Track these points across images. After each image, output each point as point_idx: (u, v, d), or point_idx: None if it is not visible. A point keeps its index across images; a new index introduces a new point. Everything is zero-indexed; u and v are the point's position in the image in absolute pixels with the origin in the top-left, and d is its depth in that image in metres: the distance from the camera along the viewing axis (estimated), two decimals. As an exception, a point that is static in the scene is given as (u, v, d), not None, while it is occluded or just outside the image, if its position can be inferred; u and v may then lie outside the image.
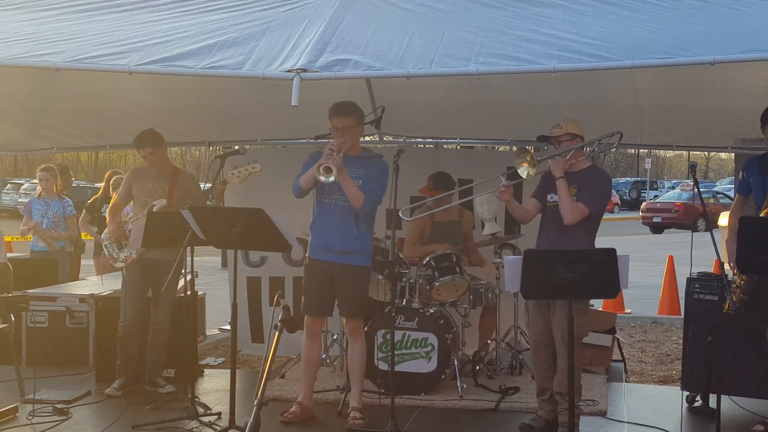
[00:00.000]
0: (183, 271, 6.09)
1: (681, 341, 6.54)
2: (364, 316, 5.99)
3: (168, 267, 6.31)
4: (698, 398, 6.21)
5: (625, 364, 7.71)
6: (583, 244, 5.52)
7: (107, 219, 6.78)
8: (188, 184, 6.73)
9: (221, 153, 6.58)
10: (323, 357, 7.04)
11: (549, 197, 5.63)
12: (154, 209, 6.44)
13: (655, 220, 30.53)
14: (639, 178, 50.60)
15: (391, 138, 8.69)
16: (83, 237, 9.49)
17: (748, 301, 5.40)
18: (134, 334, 6.58)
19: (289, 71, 4.80)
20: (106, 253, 6.70)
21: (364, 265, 5.81)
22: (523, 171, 5.45)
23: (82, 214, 9.47)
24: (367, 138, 8.86)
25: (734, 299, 5.30)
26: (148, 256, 6.46)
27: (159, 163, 6.61)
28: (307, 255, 5.91)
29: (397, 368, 6.11)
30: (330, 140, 5.72)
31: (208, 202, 6.70)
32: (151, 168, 6.67)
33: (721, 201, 29.45)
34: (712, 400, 5.76)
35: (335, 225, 5.69)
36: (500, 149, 11.27)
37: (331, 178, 5.42)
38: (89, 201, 9.95)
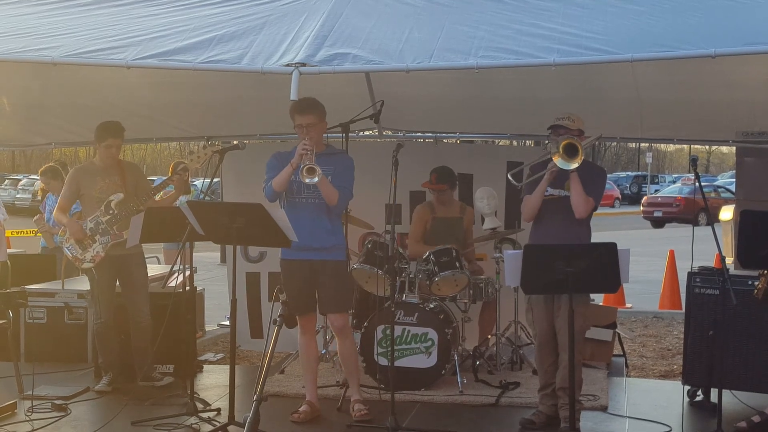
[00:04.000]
0: (180, 267, 6.06)
1: (682, 336, 6.52)
2: (348, 308, 5.96)
3: (134, 260, 6.37)
4: (699, 393, 6.19)
5: (626, 359, 7.70)
6: (587, 235, 5.58)
7: (63, 221, 6.58)
8: (135, 174, 6.73)
9: (220, 148, 6.55)
10: (323, 352, 7.03)
11: (546, 191, 5.59)
12: (113, 204, 6.42)
13: (656, 214, 30.48)
14: (640, 173, 50.49)
15: (390, 132, 8.67)
16: None
17: None
18: (111, 329, 6.57)
19: (288, 65, 4.78)
20: (69, 255, 6.54)
21: (341, 259, 5.81)
22: (565, 164, 5.35)
23: None
24: (366, 132, 8.85)
25: (759, 286, 5.29)
26: (114, 252, 6.42)
27: (117, 156, 6.59)
28: (279, 256, 5.87)
29: (397, 363, 6.10)
30: (329, 135, 5.69)
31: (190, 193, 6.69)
32: (95, 164, 6.66)
33: (723, 195, 29.38)
34: (714, 394, 5.74)
35: (310, 223, 5.64)
36: (500, 143, 11.25)
37: (316, 179, 5.37)
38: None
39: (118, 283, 6.61)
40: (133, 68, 5.20)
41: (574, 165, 5.32)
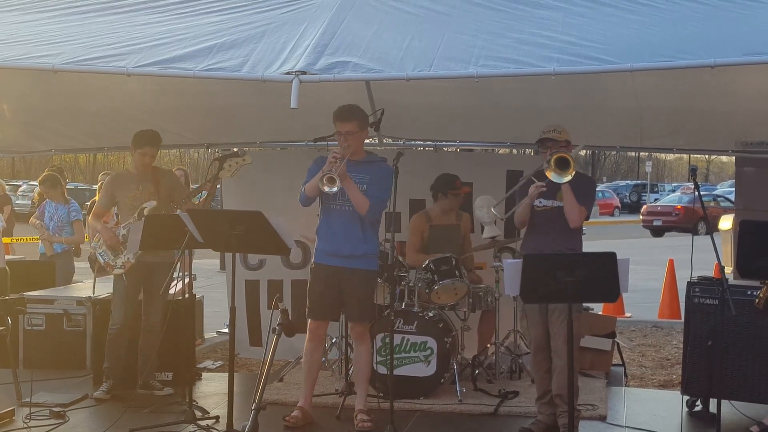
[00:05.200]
0: (180, 273, 6.06)
1: (681, 345, 6.51)
2: (371, 320, 5.96)
3: (163, 269, 6.36)
4: (698, 403, 6.18)
5: (625, 369, 7.69)
6: (579, 244, 5.64)
7: (97, 227, 6.68)
8: (170, 181, 6.75)
9: (220, 155, 6.56)
10: (322, 360, 7.01)
11: (538, 202, 5.62)
12: (145, 211, 6.44)
13: (655, 223, 30.50)
14: (639, 181, 50.57)
15: (390, 140, 8.67)
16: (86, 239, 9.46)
17: None
18: (124, 336, 6.57)
19: (288, 73, 4.79)
20: (101, 261, 6.63)
21: (371, 268, 5.80)
22: (558, 178, 5.38)
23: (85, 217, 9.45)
24: (366, 140, 8.84)
25: (761, 296, 5.32)
26: (144, 259, 6.43)
27: (151, 164, 6.61)
28: (312, 260, 5.89)
29: (396, 372, 6.09)
30: (330, 143, 5.68)
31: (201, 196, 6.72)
32: (130, 172, 6.71)
33: (722, 204, 29.36)
34: (713, 404, 5.73)
35: (341, 230, 5.67)
36: (500, 152, 11.26)
37: (335, 189, 5.39)
38: (88, 203, 9.93)
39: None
40: (134, 76, 5.21)
41: (567, 178, 5.35)
